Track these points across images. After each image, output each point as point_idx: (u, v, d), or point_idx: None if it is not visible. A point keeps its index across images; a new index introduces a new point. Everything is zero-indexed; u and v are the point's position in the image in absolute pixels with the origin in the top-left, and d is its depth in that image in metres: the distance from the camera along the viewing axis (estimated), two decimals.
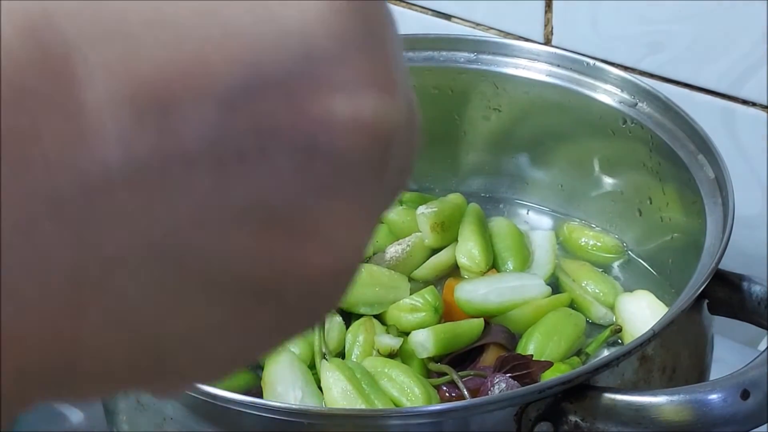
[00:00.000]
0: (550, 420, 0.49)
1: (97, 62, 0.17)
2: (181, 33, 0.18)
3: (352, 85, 0.20)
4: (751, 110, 0.79)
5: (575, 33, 0.85)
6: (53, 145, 0.17)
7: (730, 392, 0.48)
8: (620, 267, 0.77)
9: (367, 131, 0.20)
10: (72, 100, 0.17)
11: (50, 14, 0.17)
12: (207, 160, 0.18)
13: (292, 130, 0.19)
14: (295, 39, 0.19)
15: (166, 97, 0.18)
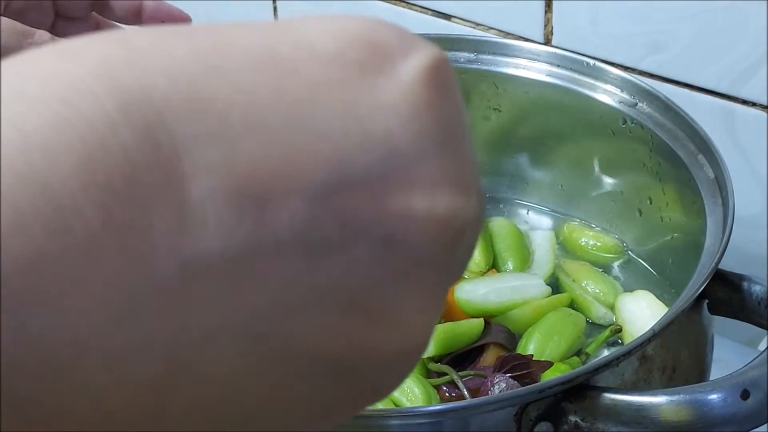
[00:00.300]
0: (550, 420, 0.49)
1: (202, 160, 0.19)
2: (276, 135, 0.20)
3: (429, 184, 0.22)
4: (751, 110, 0.79)
5: (575, 33, 0.85)
6: (161, 236, 0.19)
7: (730, 392, 0.48)
8: (620, 267, 0.76)
9: (441, 227, 0.22)
10: (179, 195, 0.19)
11: (164, 115, 0.19)
12: (295, 249, 0.20)
13: (373, 223, 0.21)
14: (379, 142, 0.21)
15: (261, 193, 0.20)
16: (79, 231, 0.18)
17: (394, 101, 0.22)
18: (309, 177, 0.20)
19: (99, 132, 0.18)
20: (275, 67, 0.21)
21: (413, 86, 0.22)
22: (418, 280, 0.22)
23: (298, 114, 0.20)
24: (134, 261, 0.18)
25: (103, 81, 0.19)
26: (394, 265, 0.21)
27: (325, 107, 0.21)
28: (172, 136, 0.19)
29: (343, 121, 0.21)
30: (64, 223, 0.18)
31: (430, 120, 0.22)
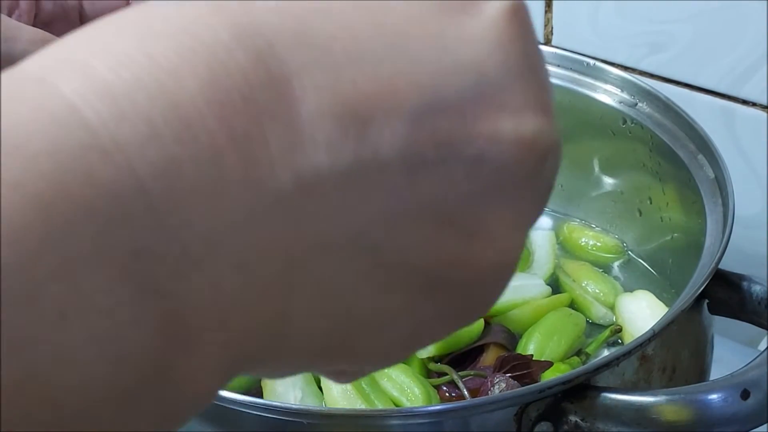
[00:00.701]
0: (550, 420, 0.49)
1: (310, 85, 0.21)
2: (376, 63, 0.22)
3: (515, 108, 0.24)
4: (751, 110, 0.79)
5: (575, 33, 0.85)
6: (277, 149, 0.21)
7: (730, 392, 0.48)
8: (620, 267, 0.77)
9: (528, 146, 0.24)
10: (291, 114, 0.21)
11: (274, 46, 0.21)
12: (396, 166, 0.22)
13: (465, 143, 0.23)
14: (468, 69, 0.23)
15: (364, 114, 0.22)
16: (205, 141, 0.20)
17: (481, 35, 0.24)
18: (407, 99, 0.22)
19: (218, 57, 0.20)
20: (371, 5, 0.23)
21: (497, 22, 0.24)
22: (509, 197, 0.24)
23: (394, 44, 0.22)
24: (254, 169, 0.20)
25: (219, 17, 0.21)
26: (486, 183, 0.23)
27: (418, 39, 0.23)
28: (282, 63, 0.21)
29: (435, 51, 0.23)
30: (192, 133, 0.20)
31: (513, 51, 0.24)
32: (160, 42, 0.21)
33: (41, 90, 0.20)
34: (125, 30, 0.21)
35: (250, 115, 0.20)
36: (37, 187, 0.18)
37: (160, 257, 0.19)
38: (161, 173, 0.19)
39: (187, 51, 0.20)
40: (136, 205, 0.19)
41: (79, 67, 0.20)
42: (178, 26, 0.21)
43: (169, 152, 0.19)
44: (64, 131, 0.19)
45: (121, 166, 0.19)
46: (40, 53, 0.21)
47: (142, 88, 0.20)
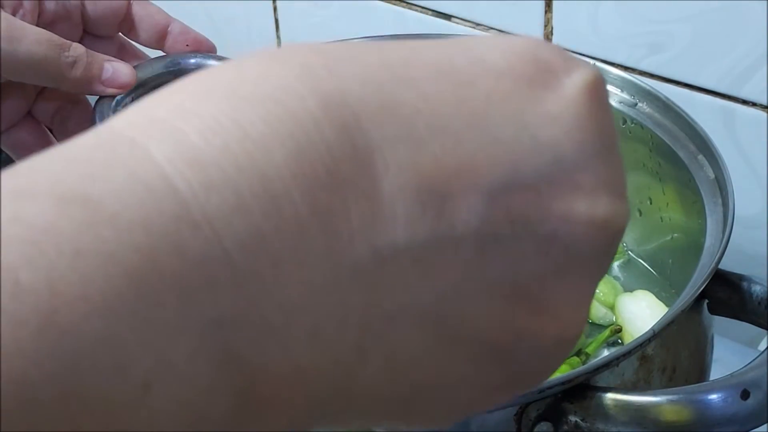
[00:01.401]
0: (550, 420, 0.49)
1: (392, 159, 0.21)
2: (457, 139, 0.22)
3: (590, 189, 0.24)
4: (752, 110, 0.79)
5: (575, 33, 0.85)
6: (357, 223, 0.21)
7: (730, 392, 0.48)
8: (620, 267, 0.76)
9: (600, 228, 0.24)
10: (373, 188, 0.21)
11: (359, 118, 0.21)
12: (471, 242, 0.22)
13: (539, 221, 0.23)
14: (546, 148, 0.23)
15: (444, 190, 0.22)
16: (289, 214, 0.20)
17: (560, 112, 0.24)
18: (485, 176, 0.22)
19: (305, 128, 0.21)
20: (454, 78, 0.23)
21: (577, 99, 0.24)
22: (576, 276, 0.24)
23: (476, 120, 0.23)
24: (335, 242, 0.21)
25: (306, 83, 0.21)
26: (556, 262, 0.24)
27: (499, 115, 0.23)
28: (366, 137, 0.21)
29: (515, 129, 0.23)
30: (277, 206, 0.20)
31: (591, 130, 0.24)
32: (248, 108, 0.21)
33: (133, 154, 0.20)
34: (214, 92, 0.21)
35: (333, 188, 0.21)
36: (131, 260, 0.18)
37: (239, 325, 0.19)
38: (246, 245, 0.20)
39: (274, 120, 0.21)
40: (221, 275, 0.19)
41: (169, 131, 0.20)
42: (265, 92, 0.21)
43: (255, 224, 0.20)
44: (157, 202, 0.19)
45: (209, 238, 0.19)
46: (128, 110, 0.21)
47: (231, 158, 0.20)
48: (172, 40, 0.65)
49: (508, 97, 0.23)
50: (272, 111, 0.21)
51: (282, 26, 1.06)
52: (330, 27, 1.01)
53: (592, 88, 0.24)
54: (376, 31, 0.85)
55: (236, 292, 0.19)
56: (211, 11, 1.12)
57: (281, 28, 1.06)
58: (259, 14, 1.07)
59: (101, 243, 0.18)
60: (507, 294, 0.23)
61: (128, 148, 0.20)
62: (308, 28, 1.03)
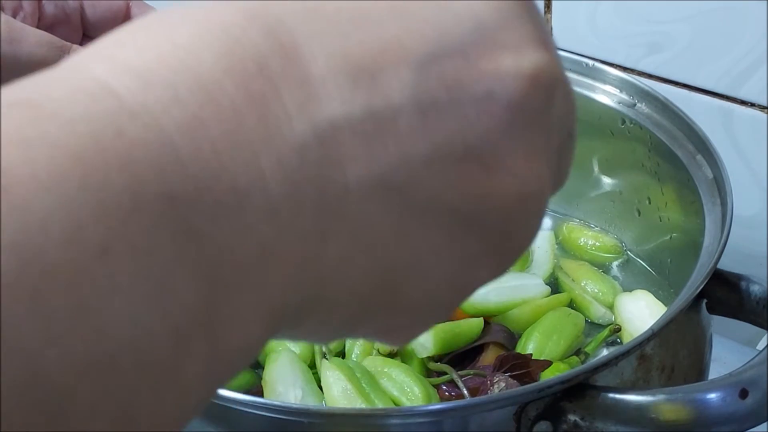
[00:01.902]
0: (549, 419, 0.49)
1: (319, 49, 0.23)
2: (380, 25, 0.24)
3: (515, 45, 0.26)
4: (750, 110, 0.79)
5: (574, 33, 0.85)
6: (293, 105, 0.23)
7: (728, 391, 0.48)
8: (619, 267, 0.77)
9: (531, 79, 0.25)
10: (302, 73, 0.23)
11: (283, 21, 0.23)
12: (409, 110, 0.24)
13: (472, 82, 0.25)
14: (466, 18, 0.25)
15: (373, 67, 0.24)
16: (225, 103, 0.22)
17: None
18: (411, 50, 0.24)
19: (233, 34, 0.23)
20: None
21: None
22: (523, 130, 0.26)
23: (395, 9, 0.25)
24: (273, 125, 0.22)
25: (231, 6, 0.24)
26: (497, 117, 0.25)
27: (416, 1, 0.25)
28: (292, 34, 0.23)
29: (433, 8, 0.25)
30: (212, 97, 0.22)
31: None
32: (179, 28, 0.23)
33: (75, 74, 0.22)
34: (148, 24, 0.23)
35: (264, 78, 0.22)
36: (73, 144, 0.20)
37: (193, 204, 0.21)
38: (186, 130, 0.21)
39: (204, 33, 0.23)
40: (165, 157, 0.21)
41: (109, 55, 0.22)
42: (194, 14, 0.23)
43: (192, 112, 0.21)
44: (96, 101, 0.21)
45: (148, 124, 0.21)
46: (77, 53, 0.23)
47: (165, 64, 0.22)
48: None
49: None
50: (201, 27, 0.23)
51: None
52: None
53: None
54: None
55: (183, 173, 0.21)
56: None
57: None
58: None
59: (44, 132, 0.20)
60: (459, 156, 0.25)
61: (70, 70, 0.22)
62: None
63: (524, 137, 0.26)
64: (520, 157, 0.26)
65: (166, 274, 0.20)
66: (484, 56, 0.25)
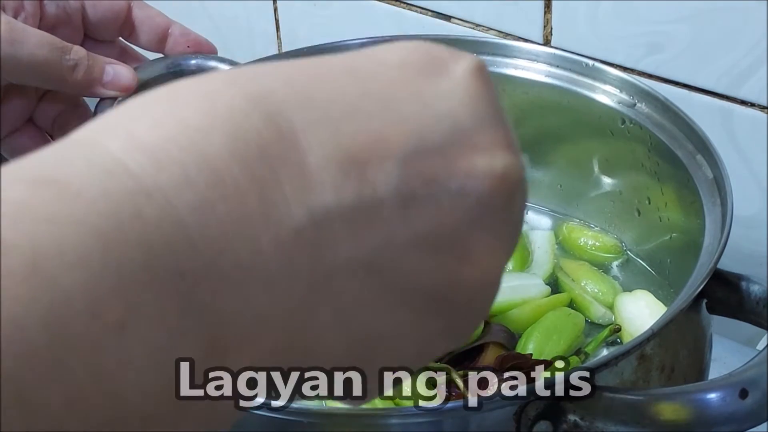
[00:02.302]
0: (549, 419, 0.49)
1: (314, 138, 0.26)
2: (368, 119, 0.27)
3: (487, 147, 0.28)
4: (750, 111, 0.79)
5: (574, 33, 0.85)
6: (290, 190, 0.25)
7: (728, 391, 0.48)
8: (619, 267, 0.77)
9: (500, 179, 0.28)
10: (300, 162, 0.25)
11: (282, 109, 0.26)
12: (392, 201, 0.26)
13: (448, 178, 0.27)
14: (445, 119, 0.28)
15: (362, 160, 0.26)
16: (230, 184, 0.24)
17: (453, 91, 0.29)
18: (396, 145, 0.27)
19: (237, 118, 0.25)
20: (359, 74, 0.28)
21: (466, 80, 0.29)
22: (489, 224, 0.28)
23: (382, 103, 0.27)
24: (272, 207, 0.24)
25: (233, 87, 0.26)
26: (470, 213, 0.28)
27: (401, 98, 0.28)
28: (290, 122, 0.25)
29: (417, 106, 0.28)
30: (219, 178, 0.24)
31: (481, 101, 0.29)
32: (187, 108, 0.25)
33: (92, 149, 0.23)
34: (158, 100, 0.25)
35: (266, 163, 0.25)
36: (96, 223, 0.22)
37: (200, 279, 0.23)
38: (196, 210, 0.23)
39: (210, 113, 0.25)
40: (177, 236, 0.23)
41: (122, 130, 0.24)
42: (200, 95, 0.25)
43: (202, 193, 0.23)
44: (115, 179, 0.23)
45: (163, 205, 0.23)
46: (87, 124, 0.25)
47: (175, 143, 0.24)
48: (173, 43, 0.65)
49: (408, 83, 0.28)
50: (207, 108, 0.25)
51: (282, 27, 1.07)
52: (330, 27, 1.01)
53: (476, 70, 0.30)
54: (376, 32, 0.85)
55: (193, 250, 0.23)
56: (211, 12, 1.12)
57: (281, 28, 1.07)
58: (259, 15, 1.07)
59: (70, 211, 0.21)
60: (433, 245, 0.27)
61: (87, 145, 0.24)
62: (308, 28, 1.03)
63: (491, 230, 0.29)
64: (486, 249, 0.29)
65: (173, 345, 0.22)
66: (459, 155, 0.28)
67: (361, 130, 0.26)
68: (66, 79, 0.57)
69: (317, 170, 0.25)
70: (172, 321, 0.22)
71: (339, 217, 0.26)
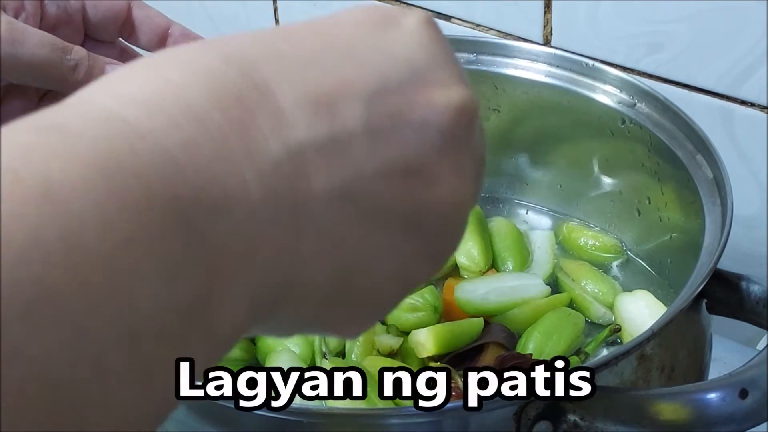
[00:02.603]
0: (549, 419, 0.49)
1: (285, 86, 0.29)
2: (333, 67, 0.30)
3: (443, 83, 0.32)
4: (750, 110, 0.79)
5: (574, 33, 0.85)
6: (267, 129, 0.28)
7: (728, 391, 0.48)
8: (619, 267, 0.77)
9: (458, 109, 0.32)
10: (273, 105, 0.29)
11: (254, 64, 0.29)
12: (361, 134, 0.30)
13: (410, 113, 0.31)
14: (402, 62, 0.32)
15: (330, 101, 0.29)
16: (213, 127, 0.27)
17: (407, 39, 0.33)
18: (360, 87, 0.30)
19: (215, 74, 0.28)
20: (321, 32, 0.32)
21: (417, 29, 0.33)
22: (451, 149, 0.32)
23: (344, 53, 0.31)
24: (252, 144, 0.28)
25: (210, 51, 0.29)
26: (432, 140, 0.31)
27: (361, 48, 0.31)
28: (263, 75, 0.29)
29: (375, 55, 0.31)
30: (202, 122, 0.27)
31: (432, 46, 0.33)
32: (171, 70, 0.28)
33: (86, 106, 0.26)
34: (141, 66, 0.29)
35: (243, 108, 0.28)
36: (97, 159, 0.24)
37: (193, 205, 0.26)
38: (185, 148, 0.26)
39: (190, 73, 0.28)
40: (169, 169, 0.25)
41: (112, 90, 0.27)
42: (181, 60, 0.29)
43: (189, 135, 0.26)
44: (110, 125, 0.26)
45: (154, 144, 0.26)
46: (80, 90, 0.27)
47: (162, 97, 0.27)
48: (173, 43, 0.65)
49: (366, 36, 0.32)
50: (188, 68, 0.28)
51: None
52: None
53: (425, 20, 0.34)
54: None
55: (184, 180, 0.26)
56: (211, 11, 1.12)
57: None
58: (259, 14, 1.07)
59: (73, 150, 0.24)
60: (402, 171, 0.30)
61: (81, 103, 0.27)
62: None
63: (453, 156, 0.32)
64: (451, 172, 0.32)
65: (176, 261, 0.25)
66: (418, 91, 0.31)
67: (328, 76, 0.30)
68: (67, 79, 0.57)
69: (290, 111, 0.29)
70: (172, 240, 0.25)
71: (313, 150, 0.29)
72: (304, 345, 0.67)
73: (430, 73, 0.32)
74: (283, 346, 0.67)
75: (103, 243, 0.23)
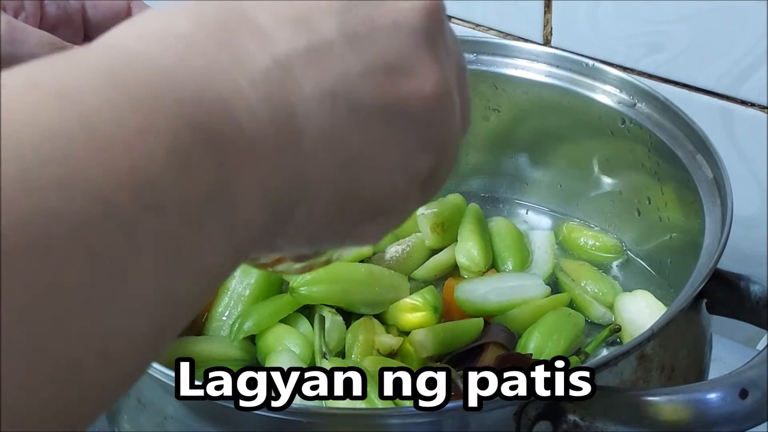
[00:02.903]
0: (549, 419, 0.49)
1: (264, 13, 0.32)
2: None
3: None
4: (750, 110, 0.79)
5: (574, 33, 0.85)
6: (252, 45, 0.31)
7: (728, 391, 0.48)
8: (619, 267, 0.77)
9: (426, 11, 0.35)
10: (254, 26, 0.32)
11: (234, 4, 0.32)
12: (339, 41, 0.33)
13: (382, 17, 0.34)
14: None
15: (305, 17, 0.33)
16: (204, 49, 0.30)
17: None
18: (331, 3, 0.33)
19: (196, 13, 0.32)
20: None
21: None
22: (425, 45, 0.35)
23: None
24: (242, 57, 0.31)
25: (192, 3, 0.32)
26: (405, 39, 0.34)
27: None
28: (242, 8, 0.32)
29: None
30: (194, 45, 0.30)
31: None
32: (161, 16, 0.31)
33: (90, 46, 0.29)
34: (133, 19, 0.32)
35: (228, 32, 0.31)
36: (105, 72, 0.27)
37: (196, 106, 0.28)
38: (180, 64, 0.29)
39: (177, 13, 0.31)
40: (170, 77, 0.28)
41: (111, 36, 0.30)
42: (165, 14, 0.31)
43: (181, 54, 0.30)
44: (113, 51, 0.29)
45: (151, 61, 0.29)
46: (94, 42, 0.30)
47: (154, 32, 0.30)
48: None
49: None
50: (173, 12, 0.31)
51: None
52: None
53: None
54: None
55: (183, 87, 0.28)
56: None
57: None
58: None
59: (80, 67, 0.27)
60: (383, 69, 0.34)
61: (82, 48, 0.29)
62: None
63: (429, 51, 0.35)
64: (429, 66, 0.35)
65: (187, 154, 0.27)
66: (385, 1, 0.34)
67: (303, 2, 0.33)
68: None
69: (271, 30, 0.32)
70: (181, 135, 0.27)
71: (297, 58, 0.32)
72: (304, 345, 0.67)
73: None
74: (283, 346, 0.67)
75: (119, 131, 0.26)
